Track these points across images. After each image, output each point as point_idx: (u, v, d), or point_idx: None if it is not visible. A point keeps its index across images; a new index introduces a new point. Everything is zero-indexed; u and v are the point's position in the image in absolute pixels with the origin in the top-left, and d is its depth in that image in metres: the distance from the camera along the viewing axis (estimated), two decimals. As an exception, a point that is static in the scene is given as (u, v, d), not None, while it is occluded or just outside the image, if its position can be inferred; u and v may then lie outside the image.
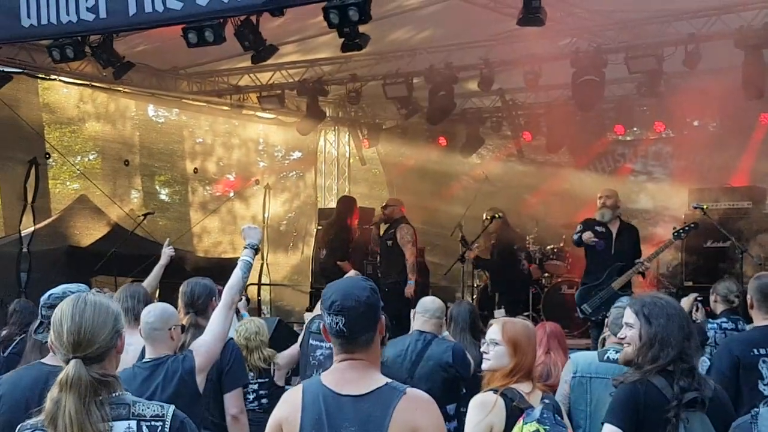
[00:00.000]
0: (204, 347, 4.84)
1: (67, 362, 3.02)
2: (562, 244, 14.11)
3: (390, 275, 12.26)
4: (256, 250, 5.28)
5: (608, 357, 5.49)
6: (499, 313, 11.01)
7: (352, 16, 8.80)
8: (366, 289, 3.38)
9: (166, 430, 3.07)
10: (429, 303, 6.90)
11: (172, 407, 3.15)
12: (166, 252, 8.25)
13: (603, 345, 5.98)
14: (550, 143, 15.24)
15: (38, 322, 4.04)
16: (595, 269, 10.60)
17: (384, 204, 12.50)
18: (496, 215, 13.04)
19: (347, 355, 3.37)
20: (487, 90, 13.40)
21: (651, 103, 14.14)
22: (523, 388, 4.46)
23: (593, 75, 11.83)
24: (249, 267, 5.18)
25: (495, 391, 4.43)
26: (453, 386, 6.40)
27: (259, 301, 15.46)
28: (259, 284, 16.31)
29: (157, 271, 8.15)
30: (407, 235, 12.20)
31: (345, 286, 3.41)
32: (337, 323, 3.32)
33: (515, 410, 4.31)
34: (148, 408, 3.09)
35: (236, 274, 5.08)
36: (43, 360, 4.06)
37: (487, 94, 14.71)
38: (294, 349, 7.69)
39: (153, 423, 3.06)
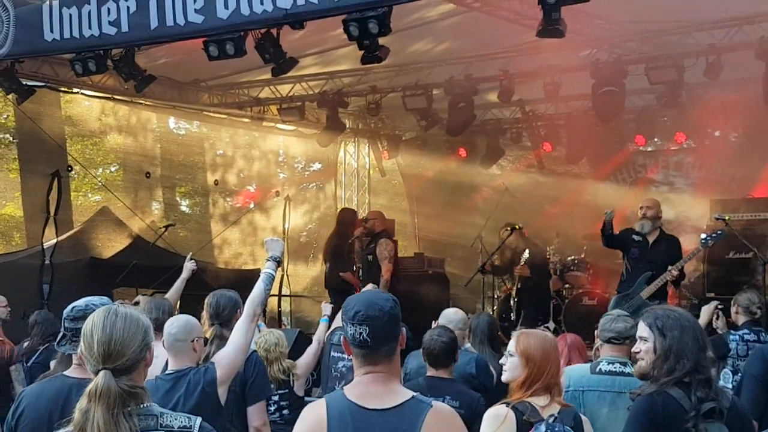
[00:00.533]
0: (226, 359, 4.85)
1: (97, 373, 3.03)
2: (582, 255, 14.06)
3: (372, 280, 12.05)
4: (279, 262, 5.28)
5: (600, 369, 5.43)
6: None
7: (372, 28, 8.81)
8: (389, 300, 3.40)
9: None
10: (452, 314, 6.88)
11: (199, 419, 3.18)
12: (188, 266, 8.29)
13: (595, 355, 5.93)
14: (570, 154, 15.20)
15: (61, 334, 4.06)
16: (629, 278, 10.60)
17: (364, 217, 12.36)
18: (516, 226, 13.01)
19: (370, 368, 3.35)
20: (506, 101, 13.38)
21: (672, 114, 14.07)
22: (539, 401, 4.39)
23: (614, 86, 11.79)
24: (271, 280, 5.19)
25: (508, 404, 4.40)
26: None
27: (279, 312, 15.48)
28: (280, 295, 16.31)
29: (179, 284, 8.19)
30: (384, 251, 12.11)
31: (368, 297, 3.42)
32: (360, 333, 3.31)
33: (525, 424, 4.27)
34: (176, 419, 3.11)
35: (258, 286, 5.09)
36: (65, 372, 4.07)
37: (506, 106, 14.69)
38: (308, 356, 7.70)
39: None
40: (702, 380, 4.10)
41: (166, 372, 4.84)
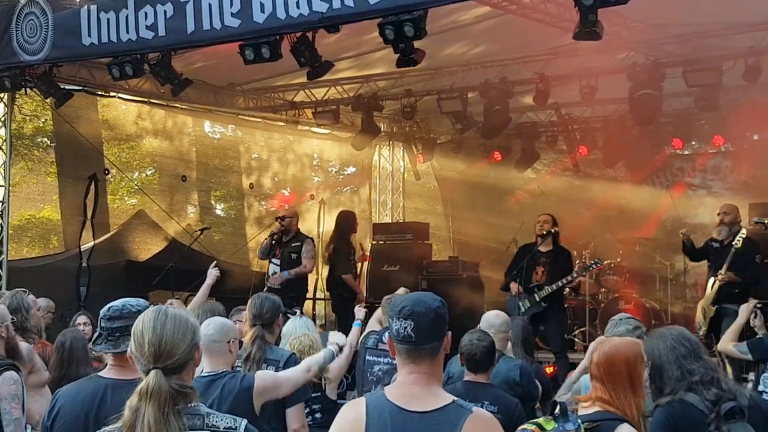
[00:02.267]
0: (270, 379, 4.90)
1: (147, 372, 3.06)
2: (619, 259, 13.96)
3: (293, 289, 11.93)
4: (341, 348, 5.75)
5: None
6: None
7: (408, 31, 8.79)
8: (437, 300, 3.40)
9: None
10: (493, 318, 6.81)
11: (245, 421, 3.20)
12: (212, 273, 8.33)
13: None
14: (606, 157, 15.10)
15: (97, 333, 4.07)
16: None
17: (281, 215, 12.24)
18: (552, 230, 12.91)
19: (413, 366, 3.34)
20: (542, 104, 13.34)
21: (710, 117, 13.94)
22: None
23: (651, 89, 11.70)
24: (331, 356, 5.56)
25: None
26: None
27: (313, 315, 15.50)
28: (314, 299, 16.36)
29: (204, 290, 8.22)
30: (312, 251, 12.12)
31: (416, 295, 3.44)
32: (405, 328, 3.31)
33: None
34: (222, 420, 3.14)
35: (319, 354, 5.38)
36: (100, 373, 4.09)
37: (542, 109, 14.62)
38: (341, 360, 7.67)
39: None
40: (705, 381, 4.13)
41: (201, 374, 4.84)
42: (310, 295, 15.97)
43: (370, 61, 13.50)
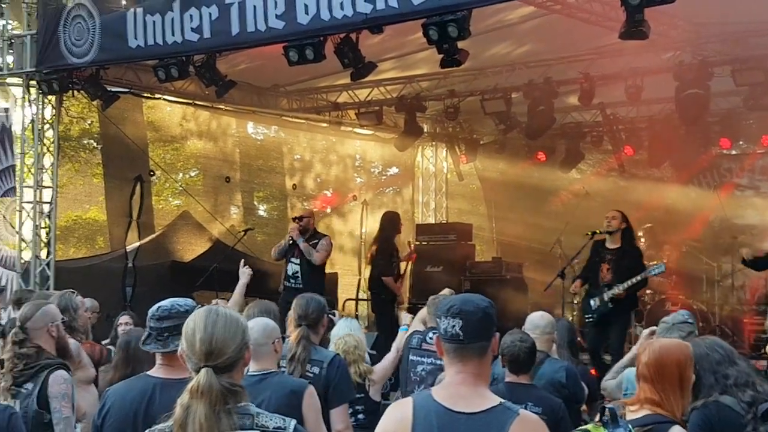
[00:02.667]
0: (315, 407, 4.88)
1: (198, 371, 3.08)
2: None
3: (311, 287, 11.66)
4: None
5: None
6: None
7: (452, 32, 8.78)
8: (485, 300, 3.41)
9: None
10: (538, 319, 6.75)
11: (294, 421, 3.20)
12: (245, 272, 8.36)
13: None
14: (652, 158, 14.94)
15: (146, 333, 4.10)
16: None
17: (299, 215, 12.03)
18: (597, 231, 12.79)
19: (460, 366, 3.33)
20: (587, 104, 13.24)
21: (758, 117, 13.75)
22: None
23: (698, 88, 11.57)
24: None
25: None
26: (566, 408, 6.23)
27: (356, 316, 15.49)
28: (357, 299, 16.37)
29: (240, 289, 8.25)
30: (327, 246, 11.83)
31: (464, 295, 3.48)
32: (453, 326, 3.32)
33: None
34: (271, 420, 3.14)
35: None
36: (149, 372, 4.12)
37: (587, 109, 14.50)
38: (386, 361, 7.65)
39: None
40: (740, 384, 4.17)
41: (249, 373, 4.85)
42: (351, 295, 16.03)
43: (413, 62, 13.48)
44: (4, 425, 4.48)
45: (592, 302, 10.99)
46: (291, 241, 11.62)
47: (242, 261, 8.71)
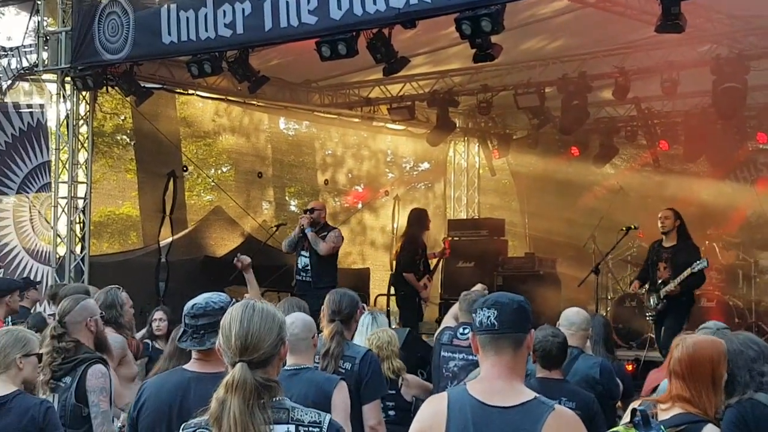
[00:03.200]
0: (343, 403, 4.87)
1: (233, 365, 3.08)
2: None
3: (322, 280, 11.27)
4: None
5: None
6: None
7: (485, 26, 8.74)
8: (521, 296, 3.43)
9: None
10: (573, 315, 6.70)
11: (329, 415, 3.19)
12: (244, 260, 8.36)
13: None
14: (687, 152, 14.78)
15: (182, 330, 4.11)
16: None
17: (310, 207, 11.74)
18: (632, 226, 12.71)
19: (496, 358, 3.33)
20: (622, 99, 13.12)
21: (796, 111, 13.59)
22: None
23: (735, 82, 11.42)
24: None
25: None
26: (601, 404, 6.17)
27: (388, 311, 15.47)
28: (388, 295, 16.33)
29: (252, 279, 8.28)
30: (335, 238, 11.51)
31: (500, 292, 3.53)
32: (488, 317, 3.32)
33: None
34: (306, 414, 3.14)
35: None
36: (184, 366, 4.13)
37: (621, 103, 14.38)
38: (427, 384, 7.64)
39: (311, 429, 3.11)
40: None
41: (285, 368, 4.85)
42: (383, 291, 16.01)
43: (445, 57, 13.44)
44: (40, 419, 4.52)
45: (651, 300, 11.00)
46: (301, 233, 11.43)
47: (237, 255, 8.59)
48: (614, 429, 3.70)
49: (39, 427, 4.50)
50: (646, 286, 11.21)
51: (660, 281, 10.97)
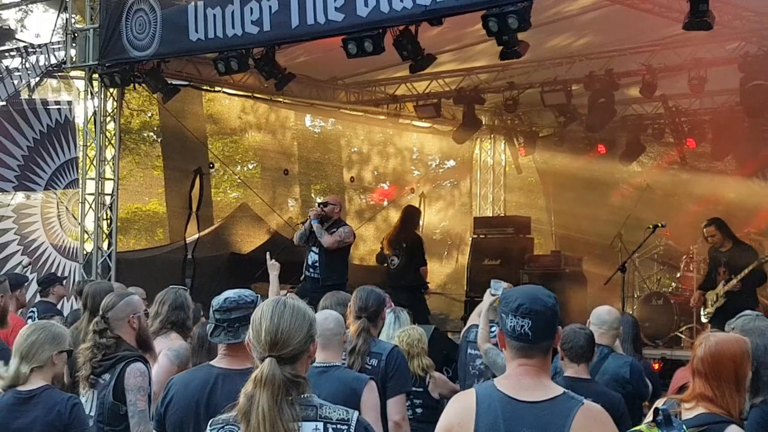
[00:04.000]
0: (373, 403, 4.86)
1: (262, 360, 3.09)
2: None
3: (330, 277, 11.01)
4: None
5: None
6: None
7: (512, 23, 8.72)
8: (551, 296, 3.37)
9: None
10: (605, 314, 6.66)
11: (357, 413, 3.20)
12: (274, 265, 8.41)
13: None
14: (715, 150, 14.69)
15: (213, 325, 4.10)
16: None
17: (324, 200, 11.44)
18: (659, 224, 12.64)
19: (525, 360, 3.32)
20: (649, 96, 13.06)
21: (825, 109, 13.43)
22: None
23: (764, 79, 11.35)
24: None
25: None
26: (630, 404, 6.14)
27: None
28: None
29: (275, 281, 8.32)
30: (343, 234, 11.10)
31: (531, 291, 3.40)
32: (522, 326, 3.29)
33: None
34: (334, 411, 3.14)
35: None
36: (211, 362, 4.14)
37: (648, 101, 14.30)
38: (455, 385, 7.63)
39: (339, 426, 3.12)
40: None
41: (314, 364, 4.86)
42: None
43: (472, 54, 13.41)
44: (66, 414, 4.53)
45: (709, 301, 10.98)
46: (310, 225, 11.14)
47: (268, 254, 8.65)
48: (636, 428, 3.66)
49: (65, 423, 4.51)
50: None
51: (720, 283, 11.09)
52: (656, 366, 10.47)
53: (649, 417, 3.64)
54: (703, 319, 11.31)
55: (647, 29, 11.59)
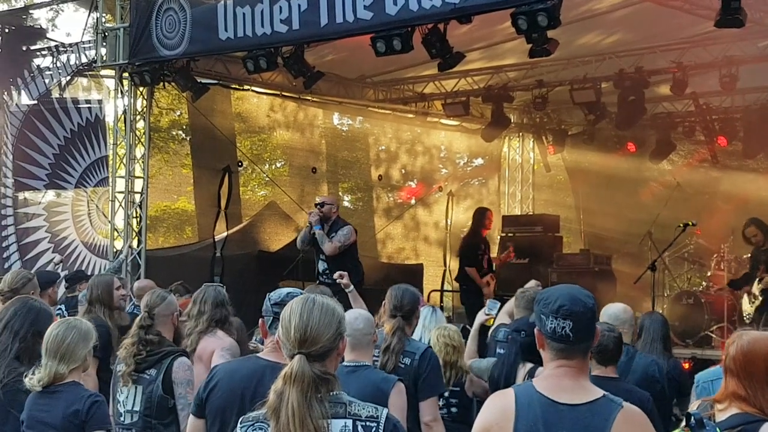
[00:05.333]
0: (400, 405, 4.84)
1: (292, 357, 3.11)
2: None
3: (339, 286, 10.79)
4: None
5: None
6: None
7: (541, 21, 8.67)
8: (590, 296, 3.35)
9: (381, 431, 3.12)
10: (621, 312, 6.62)
11: (386, 410, 3.20)
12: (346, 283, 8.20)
13: None
14: (746, 148, 14.57)
15: (272, 318, 4.10)
16: None
17: (321, 201, 11.13)
18: (690, 223, 12.54)
19: (565, 361, 3.30)
20: (679, 94, 12.98)
21: None
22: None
23: (796, 77, 11.24)
24: None
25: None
26: (659, 404, 6.10)
27: (441, 307, 15.45)
28: (442, 290, 16.34)
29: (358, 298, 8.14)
30: (343, 237, 10.86)
31: (570, 291, 3.37)
32: (563, 328, 3.27)
33: None
34: (364, 409, 3.14)
35: None
36: (258, 354, 4.18)
37: (679, 99, 14.20)
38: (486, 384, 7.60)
39: (368, 424, 3.12)
40: None
41: (344, 363, 4.87)
42: (436, 286, 16.01)
43: (500, 52, 13.38)
44: (83, 412, 4.55)
45: (748, 300, 10.88)
46: (311, 230, 10.89)
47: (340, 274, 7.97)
48: None
49: (81, 420, 4.54)
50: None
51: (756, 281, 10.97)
52: (686, 365, 10.39)
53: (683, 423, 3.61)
54: (747, 321, 11.12)
55: (678, 26, 11.52)
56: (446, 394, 7.03)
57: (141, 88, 12.71)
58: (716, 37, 11.18)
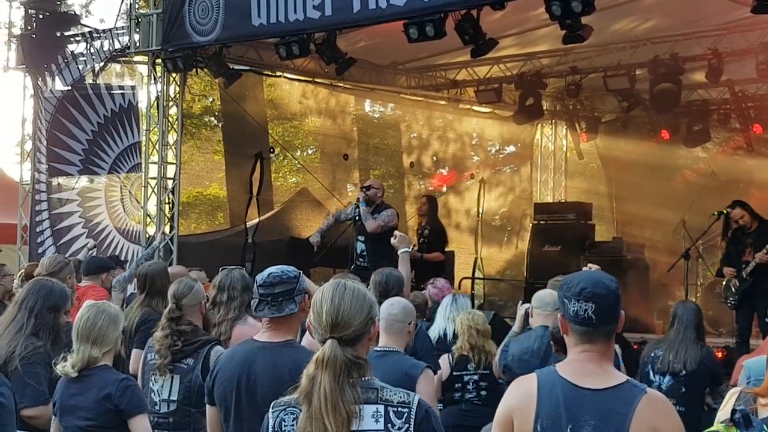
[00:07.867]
0: (429, 391, 4.84)
1: (324, 342, 3.12)
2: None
3: (380, 264, 10.74)
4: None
5: None
6: None
7: (575, 7, 8.61)
8: (613, 280, 3.33)
9: (412, 416, 3.11)
10: (548, 296, 6.52)
11: (418, 396, 3.20)
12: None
13: None
14: (782, 136, 14.43)
15: (257, 300, 4.10)
16: None
17: (367, 184, 11.22)
18: (725, 211, 12.40)
19: (588, 346, 3.28)
20: (715, 81, 12.82)
21: None
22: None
23: (834, 64, 11.08)
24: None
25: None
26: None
27: (472, 295, 15.43)
28: (473, 278, 16.30)
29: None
30: (386, 217, 10.83)
31: (592, 275, 3.36)
32: (585, 310, 3.24)
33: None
34: (395, 395, 3.14)
35: None
36: (255, 336, 4.19)
37: (714, 86, 14.05)
38: None
39: (400, 409, 3.12)
40: None
41: (375, 348, 4.88)
42: (467, 274, 15.96)
43: (534, 38, 13.29)
44: (116, 396, 4.58)
45: (732, 285, 10.62)
46: (356, 209, 11.02)
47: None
48: (712, 429, 3.53)
49: (114, 403, 4.56)
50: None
51: (743, 262, 10.53)
52: (719, 354, 10.29)
53: (725, 414, 3.54)
54: (729, 307, 10.88)
55: (713, 13, 11.41)
56: (476, 377, 7.05)
57: (174, 75, 12.73)
58: (753, 23, 11.05)
